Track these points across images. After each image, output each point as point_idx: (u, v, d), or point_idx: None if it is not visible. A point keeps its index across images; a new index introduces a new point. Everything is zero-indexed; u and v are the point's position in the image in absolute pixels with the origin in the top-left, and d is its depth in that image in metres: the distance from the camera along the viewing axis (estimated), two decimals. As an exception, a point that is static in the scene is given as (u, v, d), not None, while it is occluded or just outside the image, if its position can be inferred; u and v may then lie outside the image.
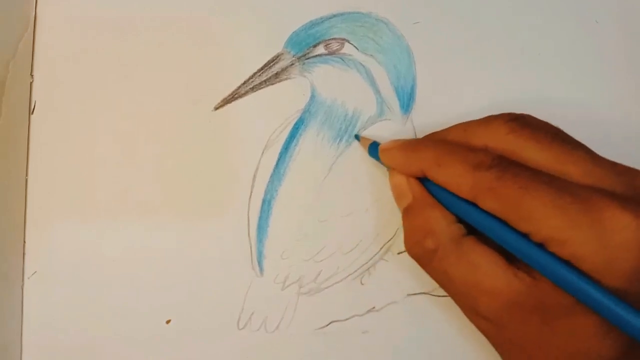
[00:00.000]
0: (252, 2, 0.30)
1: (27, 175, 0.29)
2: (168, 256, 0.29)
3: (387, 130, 0.30)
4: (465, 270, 0.23)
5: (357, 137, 0.29)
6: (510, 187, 0.22)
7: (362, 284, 0.29)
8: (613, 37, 0.31)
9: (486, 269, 0.23)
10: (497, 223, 0.22)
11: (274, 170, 0.29)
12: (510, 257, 0.23)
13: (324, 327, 0.29)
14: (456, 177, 0.23)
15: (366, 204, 0.29)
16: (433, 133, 0.27)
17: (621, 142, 0.31)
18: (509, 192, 0.22)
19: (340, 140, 0.30)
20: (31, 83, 0.30)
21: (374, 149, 0.28)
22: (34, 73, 0.30)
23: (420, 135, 0.30)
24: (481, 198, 0.22)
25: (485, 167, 0.22)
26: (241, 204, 0.29)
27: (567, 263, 0.21)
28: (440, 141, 0.25)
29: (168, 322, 0.29)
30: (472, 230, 0.24)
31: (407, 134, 0.30)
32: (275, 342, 0.29)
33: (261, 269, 0.29)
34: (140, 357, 0.29)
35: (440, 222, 0.24)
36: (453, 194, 0.23)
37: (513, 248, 0.22)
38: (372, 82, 0.30)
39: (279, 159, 0.29)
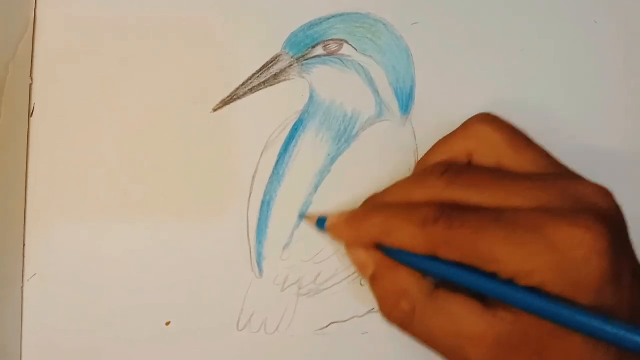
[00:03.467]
0: (250, 3, 0.30)
1: (26, 177, 0.29)
2: (167, 258, 0.29)
3: (386, 131, 0.30)
4: (446, 323, 0.23)
5: (301, 217, 0.29)
6: (462, 235, 0.22)
7: (362, 285, 0.29)
8: (612, 37, 0.31)
9: (465, 317, 0.22)
10: (463, 271, 0.22)
11: (273, 172, 0.29)
12: (485, 298, 0.23)
13: (323, 328, 0.29)
14: (408, 239, 0.23)
15: (365, 205, 0.29)
16: (373, 196, 0.27)
17: (621, 142, 0.31)
18: (462, 240, 0.22)
19: (340, 141, 0.30)
20: (31, 85, 0.30)
21: (321, 223, 0.28)
22: (34, 75, 0.30)
23: (419, 136, 0.30)
24: (439, 252, 0.22)
25: (431, 221, 0.22)
26: (240, 205, 0.29)
27: (539, 292, 0.21)
28: (382, 206, 0.25)
29: (168, 323, 0.29)
30: (440, 281, 0.24)
31: (407, 135, 0.30)
32: (275, 344, 0.29)
33: (260, 270, 0.29)
34: (140, 358, 0.29)
35: (410, 281, 0.24)
36: (412, 254, 0.23)
37: (485, 290, 0.22)
38: (371, 83, 0.30)
39: (278, 160, 0.29)
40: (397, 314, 0.24)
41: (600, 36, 0.31)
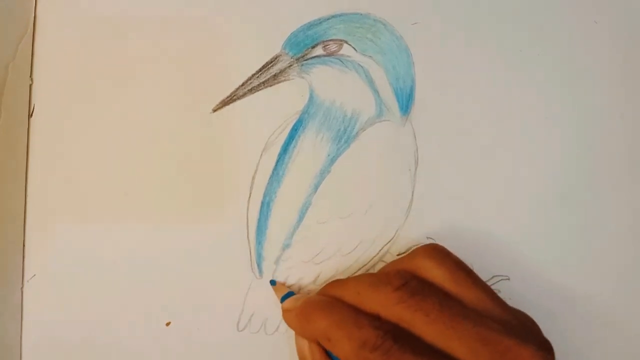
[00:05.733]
0: (250, 4, 0.30)
1: (26, 178, 0.29)
2: (167, 258, 0.29)
3: (386, 131, 0.30)
4: None
5: (272, 282, 0.29)
6: None
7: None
8: (612, 38, 0.31)
9: None
10: None
11: (272, 172, 0.29)
12: None
13: (323, 328, 0.29)
14: (343, 354, 0.23)
15: (365, 206, 0.29)
16: (333, 284, 0.27)
17: (620, 142, 0.31)
18: None
19: (339, 141, 0.30)
20: (31, 85, 0.30)
21: (284, 299, 0.28)
22: (34, 75, 0.30)
23: (419, 136, 0.30)
24: None
25: (369, 347, 0.23)
26: (240, 206, 0.29)
27: None
28: (333, 306, 0.25)
29: (168, 324, 0.29)
30: None
31: (407, 135, 0.30)
32: (275, 344, 0.29)
33: (260, 271, 0.29)
34: (140, 358, 0.29)
35: None
36: None
37: None
38: (371, 83, 0.30)
39: (277, 161, 0.29)
40: None
41: (600, 36, 0.31)
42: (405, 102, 0.30)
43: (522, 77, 0.31)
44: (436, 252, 0.26)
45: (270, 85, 0.30)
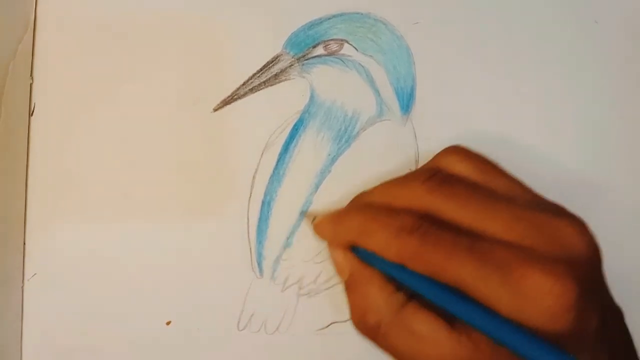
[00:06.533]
0: (251, 3, 0.30)
1: (26, 177, 0.29)
2: (167, 258, 0.29)
3: (387, 131, 0.30)
4: (410, 341, 0.23)
5: (301, 215, 0.29)
6: (433, 254, 0.22)
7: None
8: (613, 38, 0.31)
9: (429, 337, 0.22)
10: (431, 285, 0.22)
11: (273, 172, 0.29)
12: (451, 316, 0.23)
13: (324, 328, 0.29)
14: (382, 243, 0.23)
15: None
16: (360, 195, 0.27)
17: (620, 142, 0.31)
18: (432, 259, 0.22)
19: (340, 141, 0.30)
20: (31, 85, 0.30)
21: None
22: (34, 75, 0.30)
23: (420, 136, 0.30)
24: (408, 263, 0.23)
25: (407, 231, 0.23)
26: (241, 206, 0.29)
27: (504, 320, 0.21)
28: (365, 207, 0.25)
29: (168, 323, 0.29)
30: (412, 294, 0.24)
31: (407, 135, 0.30)
32: (276, 344, 0.29)
33: (261, 271, 0.29)
34: (140, 358, 0.29)
35: (378, 297, 0.24)
36: (384, 259, 0.23)
37: (448, 309, 0.22)
38: (372, 83, 0.30)
39: (278, 160, 0.29)
40: (362, 327, 0.24)
41: (601, 36, 0.31)
42: (406, 101, 0.30)
43: (523, 77, 0.31)
44: (459, 149, 0.25)
45: (271, 85, 0.30)
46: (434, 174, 0.24)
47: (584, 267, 0.21)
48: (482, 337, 0.21)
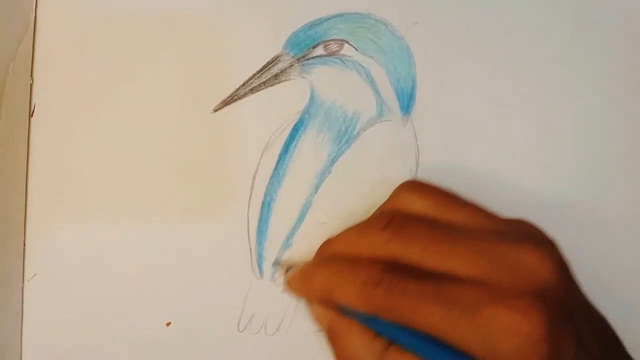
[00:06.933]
0: (251, 3, 0.30)
1: (27, 177, 0.29)
2: (168, 258, 0.29)
3: (387, 132, 0.30)
4: None
5: (275, 264, 0.29)
6: (400, 305, 0.22)
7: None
8: (613, 38, 0.31)
9: None
10: (403, 333, 0.22)
11: (273, 172, 0.29)
12: None
13: (324, 328, 0.29)
14: (350, 298, 0.23)
15: (366, 206, 0.29)
16: (326, 243, 0.27)
17: (620, 142, 0.31)
18: (400, 310, 0.22)
19: (340, 141, 0.30)
20: (31, 85, 0.30)
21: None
22: (34, 75, 0.30)
23: (420, 136, 0.30)
24: (381, 314, 0.23)
25: (371, 285, 0.23)
26: (241, 206, 0.29)
27: None
28: (329, 260, 0.25)
29: (168, 324, 0.29)
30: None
31: (407, 135, 0.30)
32: (276, 344, 0.29)
33: (261, 271, 0.29)
34: (140, 358, 0.29)
35: (360, 346, 0.24)
36: (358, 312, 0.23)
37: (425, 355, 0.22)
38: (372, 83, 0.30)
39: (278, 161, 0.29)
40: None
41: (601, 37, 0.31)
42: (406, 102, 0.30)
43: (523, 77, 0.31)
44: (415, 185, 0.26)
45: (271, 85, 0.30)
46: (392, 219, 0.24)
47: (552, 294, 0.21)
48: None
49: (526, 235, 0.23)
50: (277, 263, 0.29)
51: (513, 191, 0.30)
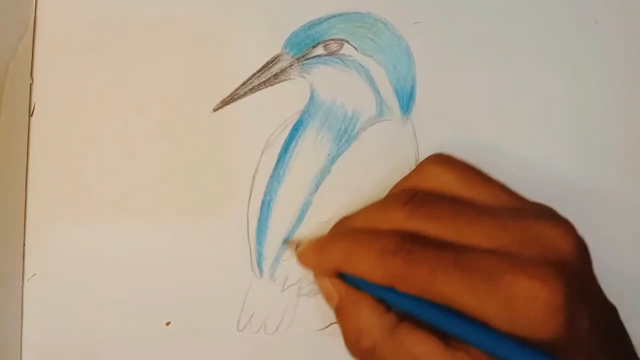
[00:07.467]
0: (250, 3, 0.30)
1: (26, 177, 0.29)
2: (167, 258, 0.29)
3: (387, 131, 0.30)
4: None
5: (284, 242, 0.29)
6: (418, 272, 0.22)
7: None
8: (613, 38, 0.31)
9: (425, 357, 0.22)
10: (421, 305, 0.22)
11: (273, 172, 0.29)
12: (445, 334, 0.22)
13: (323, 328, 0.29)
14: (367, 267, 0.23)
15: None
16: (342, 220, 0.27)
17: (620, 142, 0.31)
18: (418, 278, 0.22)
19: (340, 141, 0.30)
20: (31, 85, 0.30)
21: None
22: (34, 75, 0.30)
23: (420, 136, 0.30)
24: (396, 285, 0.22)
25: (390, 252, 0.22)
26: (240, 206, 0.29)
27: (497, 334, 0.21)
28: (347, 232, 0.25)
29: (168, 323, 0.29)
30: (404, 314, 0.24)
31: (407, 135, 0.30)
32: (275, 344, 0.29)
33: (261, 271, 0.29)
34: (140, 358, 0.29)
35: (370, 319, 0.24)
36: (372, 283, 0.23)
37: (441, 326, 0.22)
38: (372, 83, 0.30)
39: (278, 160, 0.29)
40: (358, 351, 0.24)
41: (601, 36, 0.31)
42: (406, 101, 0.30)
43: (523, 77, 0.31)
44: (442, 158, 0.25)
45: (271, 85, 0.30)
46: (413, 195, 0.24)
47: (571, 267, 0.21)
48: (477, 353, 0.21)
49: (548, 214, 0.23)
50: (287, 240, 0.29)
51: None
